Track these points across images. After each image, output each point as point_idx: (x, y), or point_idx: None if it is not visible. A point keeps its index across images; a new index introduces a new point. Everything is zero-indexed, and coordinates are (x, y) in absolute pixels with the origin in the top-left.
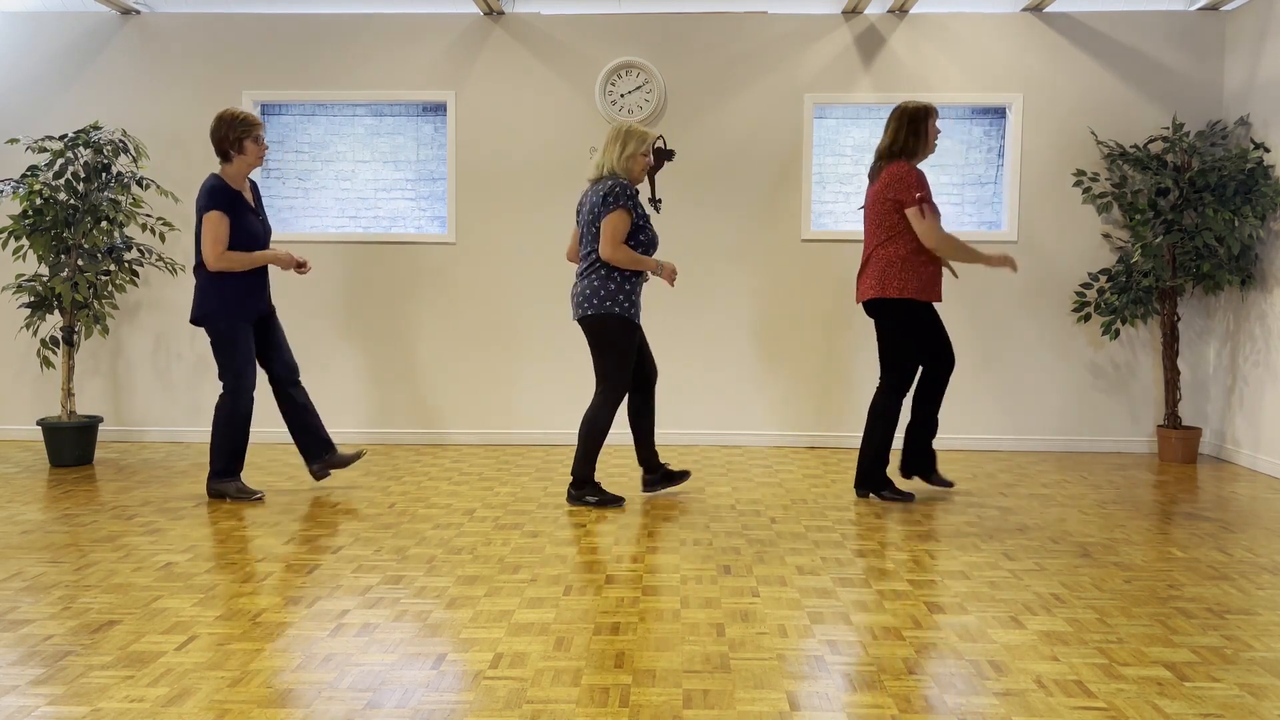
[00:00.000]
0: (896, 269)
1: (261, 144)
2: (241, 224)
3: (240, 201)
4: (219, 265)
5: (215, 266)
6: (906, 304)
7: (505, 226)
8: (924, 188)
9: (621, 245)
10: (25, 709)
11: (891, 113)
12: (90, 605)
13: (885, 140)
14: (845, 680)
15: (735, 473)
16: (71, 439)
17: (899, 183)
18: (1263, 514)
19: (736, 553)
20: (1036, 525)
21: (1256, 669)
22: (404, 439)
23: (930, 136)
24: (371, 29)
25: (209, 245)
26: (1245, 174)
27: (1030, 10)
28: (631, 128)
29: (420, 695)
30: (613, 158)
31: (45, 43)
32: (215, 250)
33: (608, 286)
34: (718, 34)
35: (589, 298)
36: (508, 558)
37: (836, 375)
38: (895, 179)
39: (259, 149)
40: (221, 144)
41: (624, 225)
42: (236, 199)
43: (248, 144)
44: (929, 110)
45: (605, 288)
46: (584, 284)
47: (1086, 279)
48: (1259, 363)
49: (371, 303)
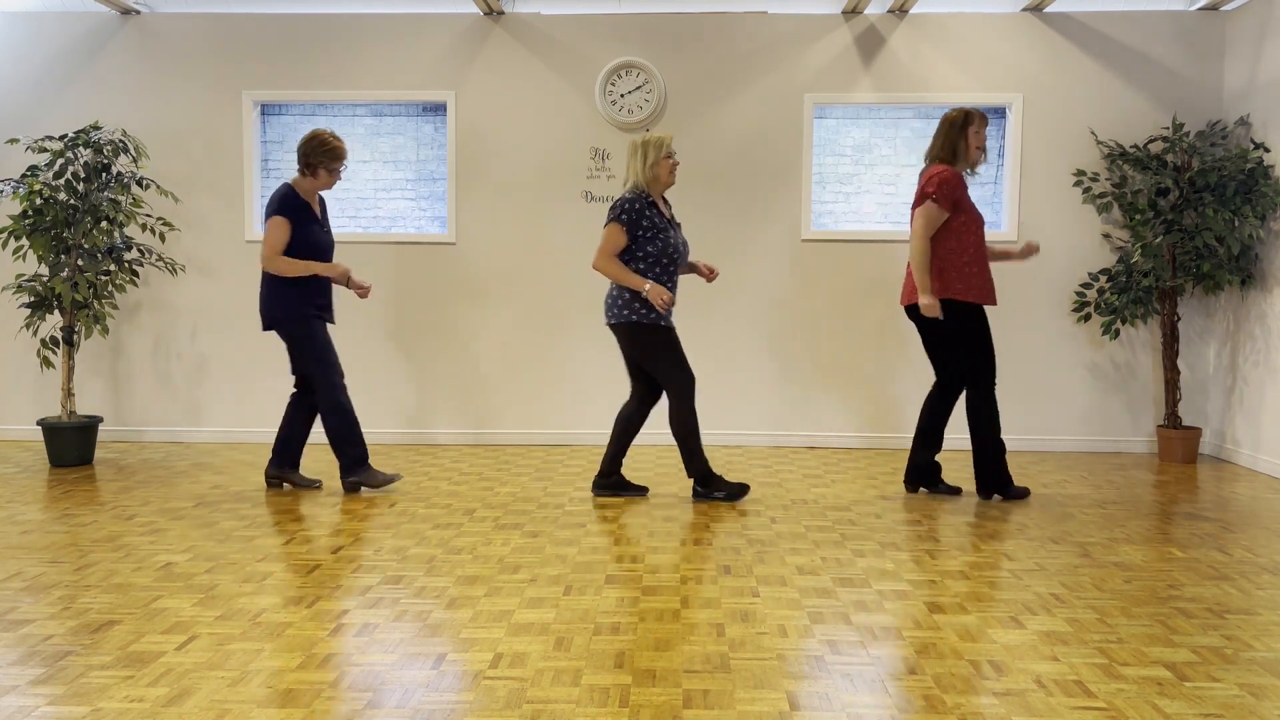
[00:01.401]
0: (935, 272)
1: (335, 176)
2: (305, 233)
3: (307, 212)
4: (270, 267)
5: (267, 267)
6: (948, 305)
7: (505, 226)
8: (943, 187)
9: (611, 259)
10: (25, 709)
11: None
12: (90, 605)
13: (932, 145)
14: (845, 680)
15: (735, 473)
16: (71, 439)
17: (928, 182)
18: (1263, 514)
19: (736, 553)
20: (1036, 525)
21: (1256, 669)
22: (404, 439)
23: (971, 144)
24: (372, 29)
25: (266, 246)
26: (1245, 174)
27: (1030, 10)
28: (647, 138)
29: (420, 695)
30: (637, 171)
31: (45, 43)
32: (269, 251)
33: (625, 294)
34: (718, 34)
35: (609, 305)
36: (508, 558)
37: (837, 375)
38: (926, 178)
39: (330, 180)
40: (305, 158)
41: (616, 238)
42: (304, 209)
43: (322, 172)
44: (968, 117)
45: (623, 295)
46: (610, 289)
47: (1086, 279)
48: (1259, 363)
49: (371, 303)
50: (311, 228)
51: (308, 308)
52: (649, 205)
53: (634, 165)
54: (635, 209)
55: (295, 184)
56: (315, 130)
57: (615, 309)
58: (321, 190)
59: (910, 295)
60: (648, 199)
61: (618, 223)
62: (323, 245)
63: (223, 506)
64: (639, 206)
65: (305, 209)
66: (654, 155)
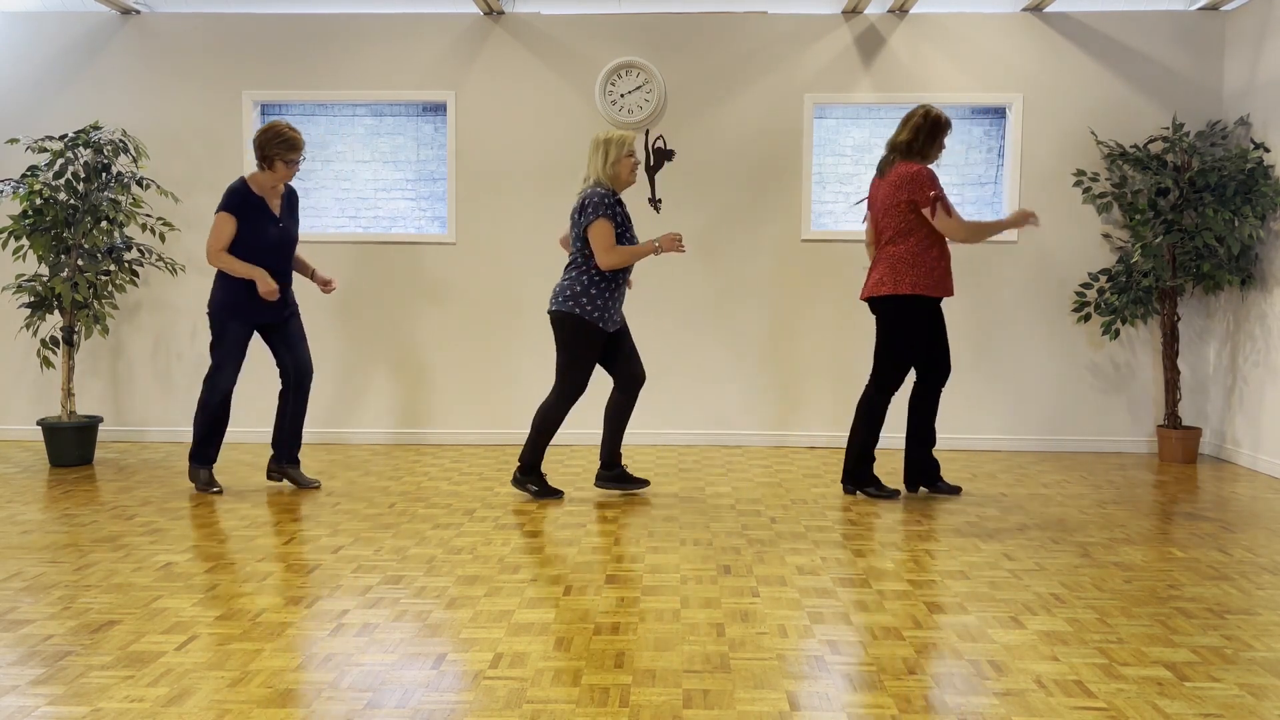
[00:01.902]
0: (907, 265)
1: (292, 168)
2: (254, 230)
3: (260, 209)
4: (213, 263)
5: (210, 263)
6: (915, 300)
7: (505, 226)
8: (937, 186)
9: (613, 249)
10: (25, 709)
11: (914, 111)
12: (90, 605)
13: (905, 136)
14: (845, 680)
15: (735, 473)
16: (71, 439)
17: (912, 183)
18: (1263, 514)
19: (736, 553)
20: (1036, 525)
21: (1256, 669)
22: (404, 439)
23: (941, 147)
24: (372, 29)
25: (209, 241)
26: (1245, 174)
27: (1030, 10)
28: (609, 135)
29: (420, 695)
30: (598, 168)
31: (45, 43)
32: (212, 247)
33: (575, 288)
34: (718, 34)
35: (558, 294)
36: (508, 558)
37: (837, 375)
38: (908, 180)
39: (288, 171)
40: (261, 150)
41: (608, 232)
42: (256, 206)
43: (279, 164)
44: (948, 123)
45: (573, 288)
46: (561, 280)
47: (1086, 279)
48: (1259, 363)
49: (371, 303)
50: (261, 224)
51: (238, 308)
52: (619, 200)
53: (594, 162)
54: (610, 204)
55: (250, 179)
56: (272, 121)
57: (560, 299)
58: (280, 182)
59: (872, 289)
60: (615, 193)
61: (605, 218)
62: (273, 243)
63: (223, 506)
64: (611, 200)
65: (258, 206)
66: (615, 154)
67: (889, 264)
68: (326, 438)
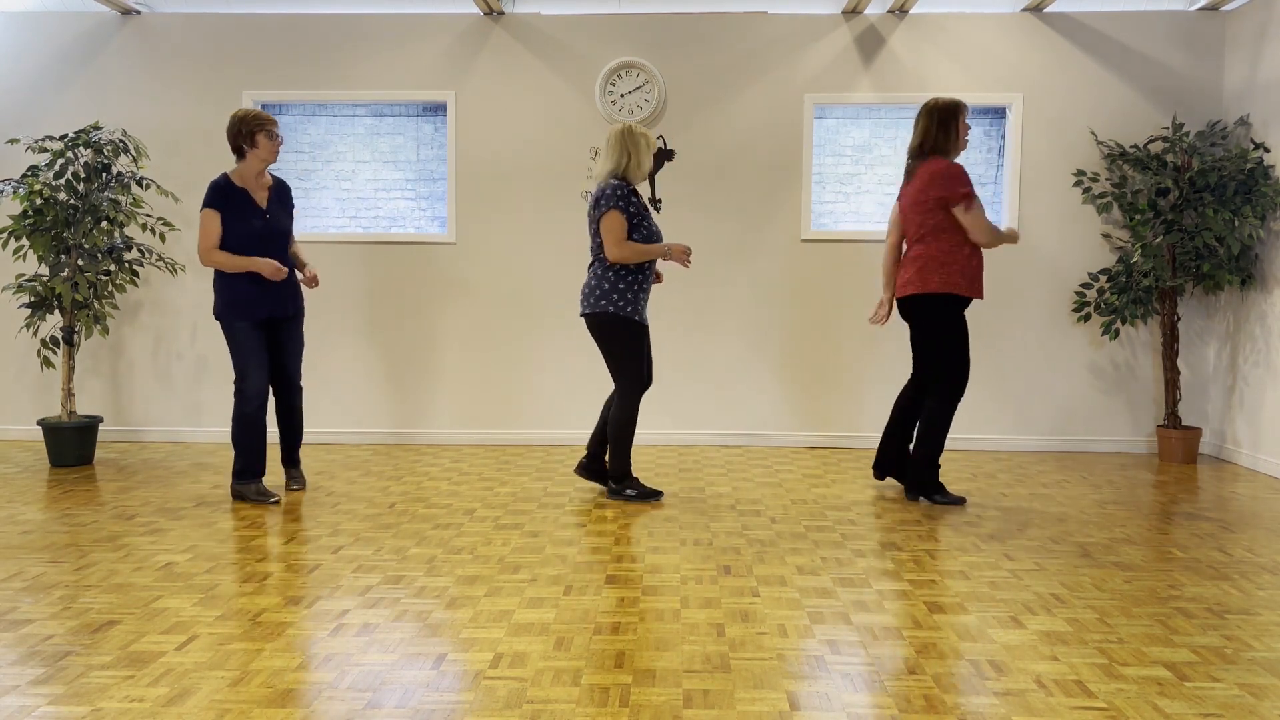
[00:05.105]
0: (937, 265)
1: (275, 139)
2: (239, 224)
3: (244, 202)
4: (207, 263)
5: (204, 263)
6: (945, 299)
7: (505, 226)
8: (967, 183)
9: (625, 243)
10: (25, 709)
11: (920, 110)
12: (90, 605)
13: (915, 139)
14: (845, 680)
15: (735, 473)
16: (72, 439)
17: (942, 180)
18: (1263, 514)
19: (736, 553)
20: (1036, 525)
21: (1256, 669)
22: (404, 439)
23: (961, 133)
24: (371, 29)
25: (199, 242)
26: (1245, 174)
27: (1030, 10)
28: (637, 131)
29: (420, 695)
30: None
31: (45, 43)
32: (203, 247)
33: (603, 285)
34: (718, 34)
35: (588, 295)
36: (508, 558)
37: (836, 375)
38: (938, 176)
39: (272, 144)
40: (235, 140)
41: (620, 224)
42: (238, 198)
43: (260, 137)
44: (958, 106)
45: (602, 285)
46: (587, 281)
47: (1086, 279)
48: (1259, 363)
49: (371, 303)
50: (247, 218)
51: (242, 307)
52: (634, 191)
53: (619, 153)
54: (626, 194)
55: (232, 173)
56: (234, 112)
57: (592, 300)
58: (267, 163)
59: (904, 289)
60: (631, 185)
61: (618, 210)
62: (260, 237)
63: (223, 506)
64: (626, 193)
65: (241, 198)
66: (646, 148)
67: (918, 264)
68: (327, 437)
